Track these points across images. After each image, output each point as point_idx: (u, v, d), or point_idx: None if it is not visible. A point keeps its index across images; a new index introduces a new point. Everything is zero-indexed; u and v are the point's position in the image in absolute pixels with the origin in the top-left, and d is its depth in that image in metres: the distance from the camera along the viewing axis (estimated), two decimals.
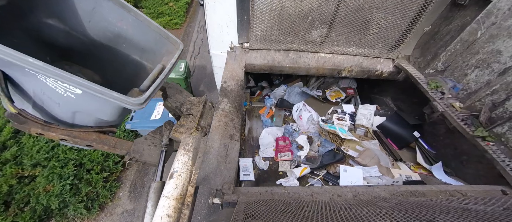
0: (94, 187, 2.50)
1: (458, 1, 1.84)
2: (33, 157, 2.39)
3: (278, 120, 2.36)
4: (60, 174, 2.38)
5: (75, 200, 2.35)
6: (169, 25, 5.69)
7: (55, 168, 2.39)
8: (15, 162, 2.38)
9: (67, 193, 2.33)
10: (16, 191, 2.27)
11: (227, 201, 1.10)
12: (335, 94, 3.07)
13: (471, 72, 1.83)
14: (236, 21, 1.99)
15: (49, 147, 2.50)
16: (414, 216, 0.89)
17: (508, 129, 1.49)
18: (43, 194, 2.27)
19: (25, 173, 2.35)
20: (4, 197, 2.19)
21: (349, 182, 1.71)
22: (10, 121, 1.16)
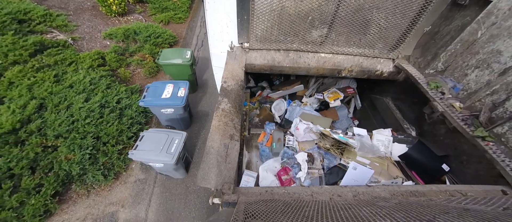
0: (109, 158, 2.78)
1: (458, 1, 1.84)
2: (56, 129, 2.64)
3: (278, 146, 2.04)
4: (80, 145, 2.63)
5: (94, 168, 2.65)
6: (174, 20, 5.87)
7: (76, 139, 2.65)
8: (39, 134, 2.62)
9: (86, 162, 2.61)
10: (41, 158, 2.53)
11: (227, 201, 1.10)
12: (333, 96, 3.07)
13: (471, 72, 1.83)
14: (236, 21, 1.99)
15: (69, 121, 2.75)
16: (414, 216, 0.89)
17: (508, 129, 1.49)
18: (65, 162, 2.56)
19: (49, 143, 2.61)
20: (30, 163, 2.46)
21: (353, 181, 1.69)
22: None
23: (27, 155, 2.43)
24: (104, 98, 3.11)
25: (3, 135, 2.44)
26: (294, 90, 3.45)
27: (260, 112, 3.31)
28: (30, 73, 3.08)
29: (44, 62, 3.32)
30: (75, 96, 2.97)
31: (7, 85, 2.89)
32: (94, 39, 4.42)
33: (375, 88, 3.01)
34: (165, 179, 3.01)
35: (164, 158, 2.37)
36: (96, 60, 3.69)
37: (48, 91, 2.94)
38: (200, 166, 1.23)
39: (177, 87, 3.01)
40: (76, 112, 2.81)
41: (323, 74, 2.42)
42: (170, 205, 2.78)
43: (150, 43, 4.57)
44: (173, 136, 2.53)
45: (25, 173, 2.40)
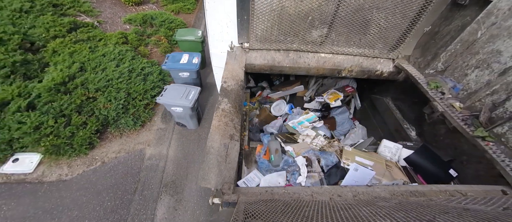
0: (137, 109, 3.52)
1: (458, 1, 1.84)
2: (95, 85, 3.35)
3: (276, 158, 1.98)
4: (115, 97, 3.34)
5: (125, 116, 3.39)
6: (183, 10, 6.64)
7: (111, 93, 3.35)
8: (83, 87, 3.32)
9: (120, 110, 3.33)
10: (84, 105, 3.23)
11: (227, 201, 1.10)
12: (333, 97, 3.09)
13: (471, 72, 1.83)
14: (236, 21, 1.99)
15: (106, 79, 3.46)
16: (414, 216, 0.89)
17: (508, 129, 1.49)
18: (103, 109, 3.25)
19: (90, 94, 3.31)
20: (77, 108, 3.16)
21: (354, 183, 1.69)
22: None
23: (74, 101, 3.13)
24: (131, 66, 3.82)
25: (56, 85, 3.13)
26: (294, 91, 3.45)
27: (259, 112, 3.31)
28: (69, 44, 3.83)
29: (79, 37, 4.10)
30: (108, 62, 3.68)
31: (51, 53, 3.63)
32: (116, 23, 5.21)
33: (375, 88, 3.01)
34: (181, 129, 3.69)
35: (183, 102, 3.04)
36: (120, 39, 4.45)
37: (86, 58, 3.65)
38: (200, 166, 1.23)
39: (192, 56, 3.73)
40: (110, 73, 3.53)
41: (323, 74, 2.42)
42: (186, 147, 3.47)
43: (164, 27, 5.30)
44: (190, 89, 3.21)
45: (73, 114, 3.08)
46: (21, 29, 3.68)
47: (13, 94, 2.93)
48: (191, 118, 3.43)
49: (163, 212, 2.70)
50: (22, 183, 2.71)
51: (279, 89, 3.52)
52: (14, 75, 3.16)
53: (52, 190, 2.71)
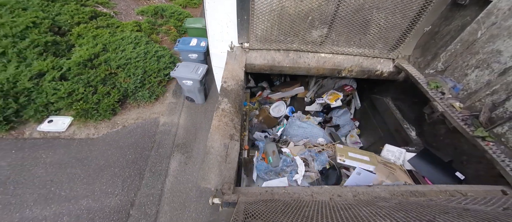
0: (152, 85, 4.09)
1: (458, 1, 1.84)
2: (117, 62, 3.94)
3: (275, 159, 1.97)
4: (133, 73, 3.94)
5: (142, 90, 3.98)
6: (190, 4, 7.35)
7: (130, 70, 3.95)
8: (106, 64, 3.88)
9: (138, 85, 3.93)
10: (108, 79, 3.82)
11: (227, 201, 1.10)
12: (333, 97, 3.11)
13: (471, 72, 1.83)
14: (236, 21, 1.99)
15: (125, 58, 4.04)
16: (414, 216, 0.89)
17: (508, 129, 1.49)
18: (123, 83, 3.85)
19: (112, 70, 3.87)
20: (101, 81, 3.73)
21: (355, 185, 1.69)
22: None
23: (99, 75, 3.72)
24: (146, 49, 4.37)
25: (83, 61, 3.72)
26: (294, 92, 3.43)
27: (259, 112, 3.31)
28: (92, 29, 4.48)
29: (99, 24, 4.74)
30: (126, 45, 4.27)
31: (76, 36, 4.29)
32: (129, 15, 5.89)
33: (375, 88, 3.01)
34: (190, 104, 4.24)
35: (193, 76, 3.64)
36: (135, 27, 5.10)
37: (107, 40, 4.23)
38: (200, 166, 1.23)
39: (200, 41, 4.36)
40: (128, 54, 4.09)
41: (323, 74, 2.42)
42: (194, 117, 4.03)
43: (174, 18, 5.96)
44: (199, 66, 3.82)
45: (99, 85, 3.65)
46: (49, 15, 4.29)
47: (48, 67, 3.53)
48: (199, 92, 4.00)
49: (176, 165, 3.23)
50: (57, 139, 3.26)
51: (279, 90, 3.51)
52: (46, 53, 3.80)
53: (82, 145, 3.25)
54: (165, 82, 4.35)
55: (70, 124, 3.47)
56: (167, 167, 3.15)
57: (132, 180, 2.92)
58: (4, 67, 3.33)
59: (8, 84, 3.15)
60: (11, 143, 3.06)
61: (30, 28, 3.81)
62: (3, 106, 3.06)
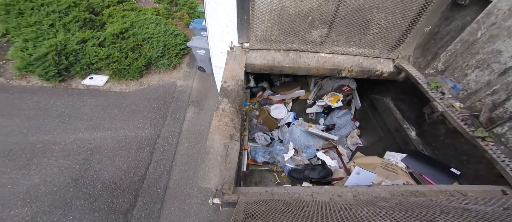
0: (171, 56, 4.99)
1: (458, 1, 1.84)
2: (142, 36, 4.81)
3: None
4: (156, 45, 4.85)
5: (163, 59, 4.91)
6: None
7: (153, 42, 4.84)
8: (133, 37, 4.74)
9: (159, 54, 4.85)
10: (135, 48, 4.73)
11: (227, 201, 1.10)
12: (333, 99, 3.13)
13: (471, 72, 1.83)
14: (236, 21, 1.99)
15: (149, 33, 4.90)
16: (414, 216, 0.89)
17: (508, 129, 1.49)
18: (148, 53, 4.77)
19: (139, 42, 4.76)
20: (131, 49, 4.63)
21: (355, 184, 1.69)
22: None
23: (128, 45, 4.62)
24: (165, 28, 5.20)
25: (115, 34, 4.63)
26: (295, 95, 3.42)
27: (259, 113, 3.30)
28: (120, 11, 5.34)
29: (125, 7, 5.59)
30: (149, 24, 5.11)
31: (107, 16, 5.17)
32: (148, 3, 6.71)
33: (375, 88, 3.01)
34: (201, 73, 5.10)
35: (206, 46, 4.30)
36: (154, 11, 5.93)
37: (133, 20, 5.07)
38: (200, 166, 1.23)
39: None
40: (151, 30, 4.94)
41: (323, 74, 2.42)
42: (204, 83, 4.90)
43: (187, 6, 6.81)
44: None
45: (129, 52, 4.56)
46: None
47: (89, 36, 4.46)
48: (209, 62, 4.30)
49: (191, 114, 4.14)
50: (97, 91, 4.16)
51: (280, 92, 3.50)
52: (84, 27, 4.70)
53: (117, 96, 4.13)
54: (181, 55, 5.30)
55: (107, 81, 4.38)
56: (184, 115, 4.08)
57: (157, 121, 3.80)
58: (54, 35, 4.23)
59: (60, 46, 4.04)
60: (63, 91, 4.00)
61: (71, 7, 4.70)
62: (57, 62, 3.99)
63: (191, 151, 3.47)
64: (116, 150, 3.18)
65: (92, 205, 2.59)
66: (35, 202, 2.50)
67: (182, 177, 3.11)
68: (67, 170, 2.85)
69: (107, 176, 2.88)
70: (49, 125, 3.34)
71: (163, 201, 2.81)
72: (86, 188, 2.71)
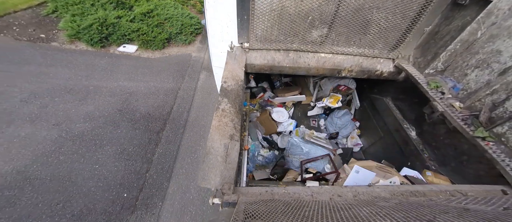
0: (187, 33, 6.02)
1: (458, 1, 1.84)
2: (164, 16, 5.90)
3: None
4: (175, 24, 5.91)
5: (181, 35, 5.92)
6: None
7: (173, 22, 5.93)
8: (157, 16, 5.83)
9: (178, 31, 5.89)
10: (159, 25, 5.78)
11: (227, 201, 1.10)
12: (333, 100, 3.15)
13: (471, 72, 1.83)
14: (236, 21, 1.99)
15: (170, 14, 5.97)
16: (414, 216, 0.89)
17: (508, 129, 1.49)
18: (168, 29, 5.79)
19: (161, 21, 5.83)
20: (155, 26, 5.68)
21: (354, 183, 1.70)
22: None
23: (153, 22, 5.71)
24: (182, 11, 6.28)
25: (142, 13, 5.73)
26: (296, 99, 3.40)
27: (260, 114, 3.30)
28: None
29: None
30: (169, 8, 6.15)
31: (134, 1, 6.11)
32: None
33: (375, 88, 3.01)
34: None
35: None
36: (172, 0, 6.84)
37: (156, 3, 6.13)
38: (200, 166, 1.23)
39: None
40: (171, 12, 6.01)
41: (323, 74, 2.42)
42: None
43: None
44: None
45: (154, 28, 5.64)
46: None
47: (122, 14, 5.59)
48: None
49: (203, 76, 5.10)
50: (129, 56, 5.28)
51: (280, 95, 3.48)
52: (117, 7, 5.74)
53: (145, 60, 5.28)
54: (195, 34, 6.31)
55: (136, 50, 5.46)
56: (198, 76, 5.08)
57: (178, 79, 4.90)
58: (95, 12, 5.34)
59: (102, 19, 5.17)
60: (103, 54, 5.14)
61: None
62: (100, 31, 5.13)
63: (204, 100, 4.54)
64: (148, 94, 4.35)
65: (134, 125, 3.72)
66: (92, 121, 3.64)
67: (198, 116, 4.17)
68: (113, 104, 3.99)
69: (143, 109, 4.03)
70: (96, 76, 4.52)
71: (185, 128, 3.90)
72: (128, 115, 3.87)
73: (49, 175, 2.90)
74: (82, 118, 3.63)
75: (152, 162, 3.29)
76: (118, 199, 2.85)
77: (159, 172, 3.19)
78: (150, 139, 3.58)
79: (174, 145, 3.58)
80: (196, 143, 3.67)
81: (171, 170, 3.25)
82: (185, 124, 3.95)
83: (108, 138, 3.44)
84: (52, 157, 3.07)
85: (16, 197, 2.65)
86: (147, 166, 3.24)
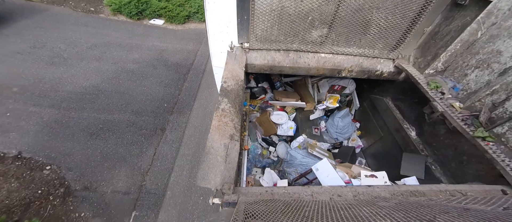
0: (201, 12, 7.42)
1: (458, 1, 1.84)
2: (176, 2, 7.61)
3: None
4: (193, 5, 7.60)
5: (198, 14, 7.57)
6: None
7: (191, 3, 7.62)
8: (178, 4, 7.57)
9: (195, 11, 7.58)
10: (181, 5, 7.56)
11: (227, 201, 1.10)
12: (333, 100, 3.15)
13: (471, 72, 1.83)
14: (236, 21, 1.99)
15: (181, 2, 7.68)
16: (414, 216, 0.89)
17: (508, 129, 1.49)
18: (188, 8, 7.58)
19: (182, 2, 7.55)
20: (177, 5, 7.50)
21: (327, 177, 1.79)
22: None
23: (177, 2, 7.50)
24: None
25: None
26: (296, 105, 3.35)
27: (260, 115, 3.29)
28: None
29: None
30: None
31: None
32: None
33: (375, 88, 3.01)
34: None
35: None
36: None
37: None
38: (200, 166, 1.23)
39: None
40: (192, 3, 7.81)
41: (323, 74, 2.42)
42: None
43: None
44: None
45: (177, 7, 7.37)
46: None
47: None
48: None
49: None
50: (158, 27, 7.10)
51: (279, 98, 3.43)
52: None
53: (171, 30, 7.08)
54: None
55: (163, 23, 7.26)
56: None
57: (196, 44, 6.51)
58: None
59: None
60: (139, 24, 7.07)
61: None
62: (137, 7, 6.98)
63: None
64: (176, 52, 6.18)
65: (167, 69, 5.57)
66: (138, 63, 5.51)
67: (211, 68, 4.89)
68: (152, 55, 5.89)
69: (173, 60, 5.89)
70: (137, 38, 6.42)
71: (203, 74, 5.60)
72: (163, 62, 5.71)
73: (114, 90, 4.69)
74: (130, 61, 5.54)
75: (181, 90, 5.09)
76: (161, 106, 4.60)
77: (187, 96, 4.99)
78: (179, 77, 5.40)
79: (196, 83, 5.34)
80: (211, 84, 5.22)
81: (195, 96, 5.01)
82: (203, 72, 5.72)
83: (150, 74, 5.29)
84: (114, 80, 4.91)
85: (94, 99, 4.41)
86: (178, 91, 5.03)
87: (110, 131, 3.98)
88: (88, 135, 3.85)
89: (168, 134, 4.15)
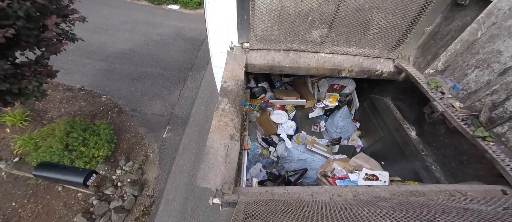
0: None
1: (458, 1, 1.84)
2: None
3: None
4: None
5: None
6: None
7: None
8: None
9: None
10: None
11: (227, 201, 1.10)
12: (333, 99, 3.15)
13: (471, 72, 1.83)
14: (236, 21, 1.99)
15: None
16: (414, 216, 0.89)
17: (508, 129, 1.49)
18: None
19: None
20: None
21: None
22: None
23: None
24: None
25: None
26: (296, 102, 3.37)
27: (260, 115, 3.29)
28: None
29: None
30: None
31: None
32: None
33: (375, 88, 3.01)
34: None
35: None
36: None
37: None
38: (200, 166, 1.23)
39: None
40: None
41: (323, 74, 2.42)
42: None
43: None
44: None
45: None
46: None
47: None
48: None
49: None
50: (175, 11, 9.14)
51: (279, 97, 3.44)
52: None
53: (185, 14, 9.03)
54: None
55: (179, 8, 9.03)
56: None
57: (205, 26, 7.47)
58: None
59: None
60: (158, 8, 9.04)
61: None
62: None
63: None
64: (190, 29, 7.92)
65: (185, 41, 7.44)
66: (162, 36, 7.46)
67: None
68: (172, 31, 7.74)
69: (189, 35, 7.67)
70: (158, 18, 8.28)
71: None
72: (181, 37, 7.56)
73: (145, 52, 6.69)
74: (156, 34, 7.44)
75: (197, 56, 6.93)
76: (182, 66, 6.51)
77: (201, 60, 6.76)
78: (194, 47, 7.25)
79: (208, 52, 6.32)
80: None
81: (208, 60, 6.26)
82: None
83: (172, 44, 7.20)
84: (144, 46, 6.87)
85: (131, 58, 6.40)
86: (194, 57, 6.87)
87: (146, 78, 5.91)
88: (130, 79, 5.79)
89: (189, 83, 6.07)
